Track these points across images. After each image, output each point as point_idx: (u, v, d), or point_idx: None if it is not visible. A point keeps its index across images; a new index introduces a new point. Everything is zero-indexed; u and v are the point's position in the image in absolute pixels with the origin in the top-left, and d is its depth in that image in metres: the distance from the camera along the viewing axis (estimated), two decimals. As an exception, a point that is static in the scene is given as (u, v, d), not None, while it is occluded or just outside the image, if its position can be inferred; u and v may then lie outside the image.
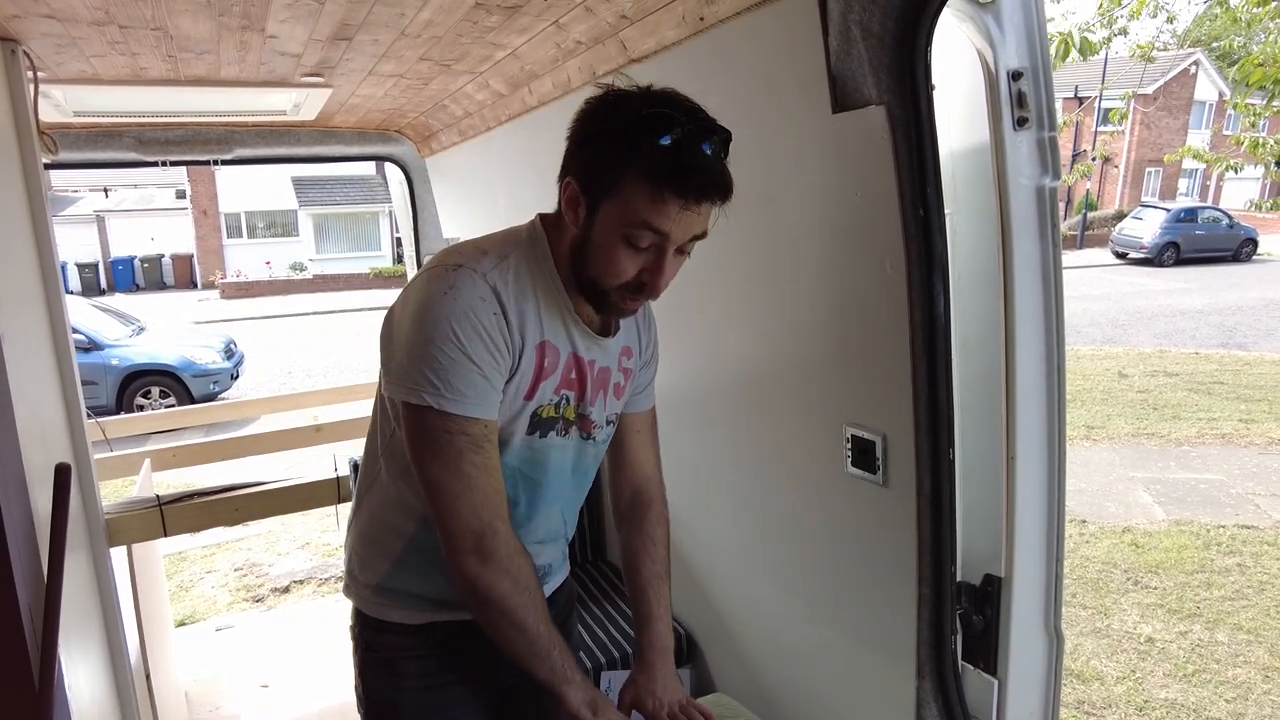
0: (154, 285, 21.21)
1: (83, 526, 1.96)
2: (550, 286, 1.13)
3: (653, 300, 1.11)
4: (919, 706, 1.36)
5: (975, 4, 1.16)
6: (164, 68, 2.08)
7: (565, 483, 1.26)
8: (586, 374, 1.19)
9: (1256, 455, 6.04)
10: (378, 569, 1.24)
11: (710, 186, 1.00)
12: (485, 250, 1.11)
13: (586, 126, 1.06)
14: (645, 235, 1.02)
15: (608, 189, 1.02)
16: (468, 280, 1.05)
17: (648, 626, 1.29)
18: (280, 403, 4.47)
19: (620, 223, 1.02)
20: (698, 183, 0.99)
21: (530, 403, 1.14)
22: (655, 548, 1.33)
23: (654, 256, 1.04)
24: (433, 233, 3.58)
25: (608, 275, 1.06)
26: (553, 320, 1.14)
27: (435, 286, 1.05)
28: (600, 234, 1.04)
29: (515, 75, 2.12)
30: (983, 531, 1.30)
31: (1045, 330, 1.23)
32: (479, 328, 1.03)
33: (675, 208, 0.99)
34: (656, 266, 1.04)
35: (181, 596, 4.32)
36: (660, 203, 0.99)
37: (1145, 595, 4.06)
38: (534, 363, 1.12)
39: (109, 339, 8.57)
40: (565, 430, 1.20)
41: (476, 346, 1.03)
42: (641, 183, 0.99)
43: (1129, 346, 10.12)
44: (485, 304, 1.05)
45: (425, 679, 1.26)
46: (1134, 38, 5.35)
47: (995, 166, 1.19)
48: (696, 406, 1.94)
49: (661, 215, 1.00)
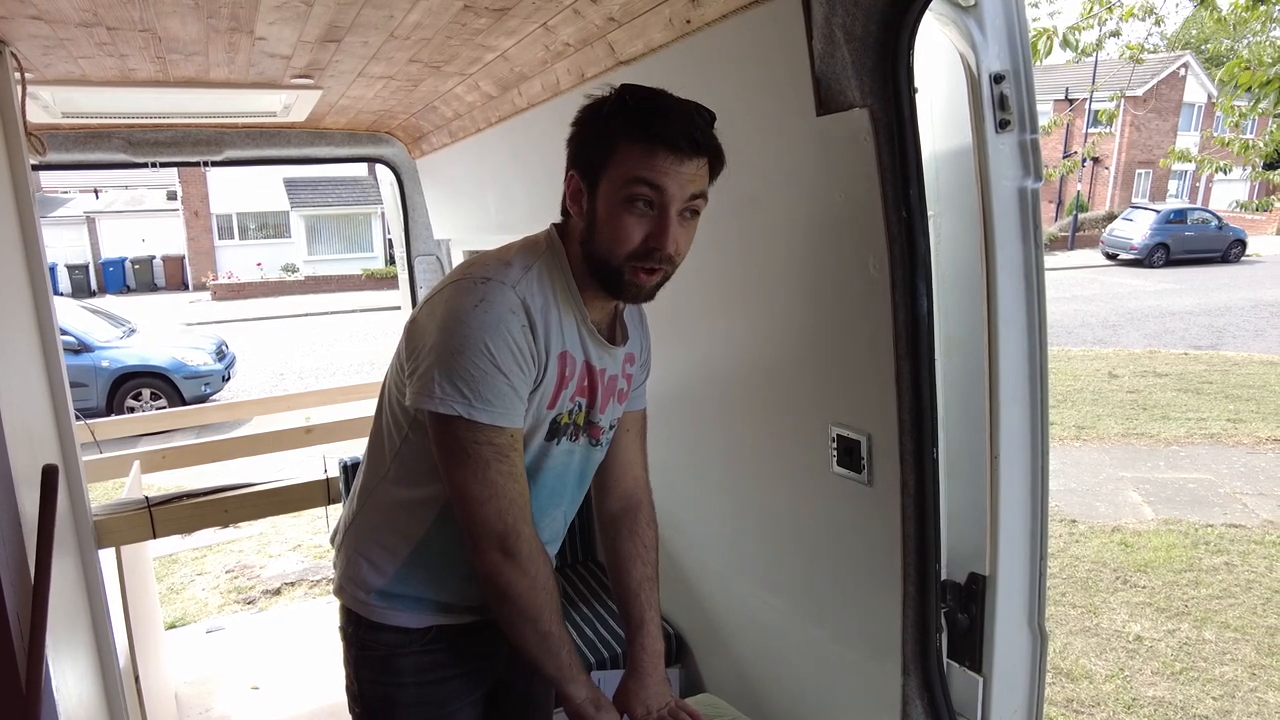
0: (145, 287, 21.12)
1: (71, 528, 1.96)
2: (568, 296, 1.16)
3: (668, 269, 1.11)
4: (905, 704, 1.37)
5: (957, 7, 1.17)
6: (153, 69, 2.08)
7: (570, 486, 1.28)
8: (598, 382, 1.21)
9: (1244, 455, 6.08)
10: (383, 573, 1.24)
11: (696, 134, 1.04)
12: (509, 262, 1.14)
13: (578, 123, 1.11)
14: (643, 192, 1.04)
15: (603, 163, 1.06)
16: (498, 293, 1.08)
17: (641, 630, 1.30)
18: (272, 404, 4.46)
19: (619, 189, 1.05)
20: (683, 130, 1.03)
21: (552, 411, 1.17)
22: (646, 551, 1.35)
23: (658, 217, 1.06)
24: (424, 234, 3.58)
25: (615, 246, 1.08)
26: (571, 330, 1.16)
27: (466, 299, 1.07)
28: (604, 208, 1.08)
29: (504, 77, 2.13)
30: (967, 530, 1.32)
31: (1028, 330, 1.24)
32: (509, 341, 1.06)
33: (666, 159, 1.03)
34: (661, 227, 1.06)
35: (172, 599, 4.30)
36: (650, 156, 1.03)
37: (1134, 594, 4.08)
38: (557, 372, 1.15)
39: (99, 341, 8.53)
40: (576, 436, 1.23)
41: (506, 359, 1.06)
42: (632, 144, 1.04)
43: (1119, 347, 10.18)
44: (515, 316, 1.07)
45: (421, 675, 1.27)
46: (1124, 39, 5.38)
47: (978, 168, 1.20)
48: (683, 407, 1.95)
49: (653, 168, 1.03)
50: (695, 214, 1.10)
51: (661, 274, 1.11)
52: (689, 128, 1.04)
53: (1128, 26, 4.92)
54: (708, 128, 1.07)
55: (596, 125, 1.08)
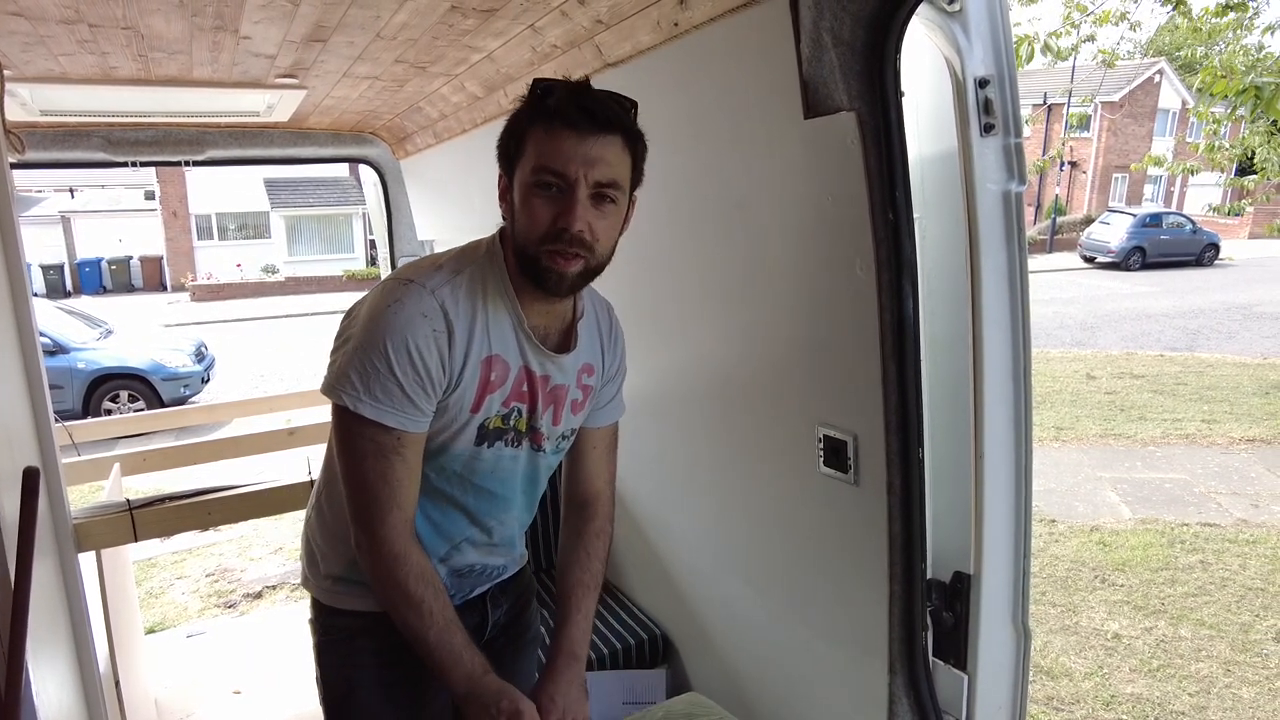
0: (122, 287, 20.82)
1: (50, 532, 1.93)
2: (503, 300, 1.16)
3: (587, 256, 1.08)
4: (891, 702, 1.38)
5: (943, 13, 1.18)
6: (134, 67, 2.06)
7: (517, 491, 1.28)
8: (538, 389, 1.21)
9: (1218, 455, 6.18)
10: (340, 561, 1.27)
11: (600, 112, 1.04)
12: (440, 265, 1.15)
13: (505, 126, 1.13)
14: (548, 175, 1.05)
15: (518, 154, 1.08)
16: (414, 296, 1.10)
17: (563, 629, 1.28)
18: (253, 406, 4.41)
19: (529, 176, 1.06)
20: (586, 110, 1.03)
21: (477, 415, 1.17)
22: (590, 560, 1.35)
23: (565, 198, 1.05)
24: (407, 235, 3.56)
25: (529, 230, 1.08)
26: (503, 334, 1.16)
27: (384, 299, 1.10)
28: (518, 197, 1.09)
29: (491, 78, 2.13)
30: (952, 529, 1.33)
31: (1012, 331, 1.26)
32: (410, 345, 1.08)
33: (569, 140, 1.03)
34: (567, 207, 1.05)
35: (152, 603, 4.25)
36: (554, 138, 1.04)
37: (1112, 592, 4.14)
38: (479, 376, 1.14)
39: (75, 342, 8.39)
40: (516, 442, 1.23)
41: (403, 361, 1.08)
42: (538, 130, 1.05)
43: (1097, 349, 10.31)
44: (426, 320, 1.09)
45: (381, 656, 1.28)
46: (1100, 44, 5.47)
47: (963, 171, 1.22)
48: (671, 408, 1.95)
49: (556, 150, 1.04)
50: (612, 201, 1.08)
51: (580, 261, 1.08)
52: (587, 102, 1.04)
53: (1103, 32, 5.01)
54: (615, 105, 1.06)
55: (512, 120, 1.10)
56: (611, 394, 1.37)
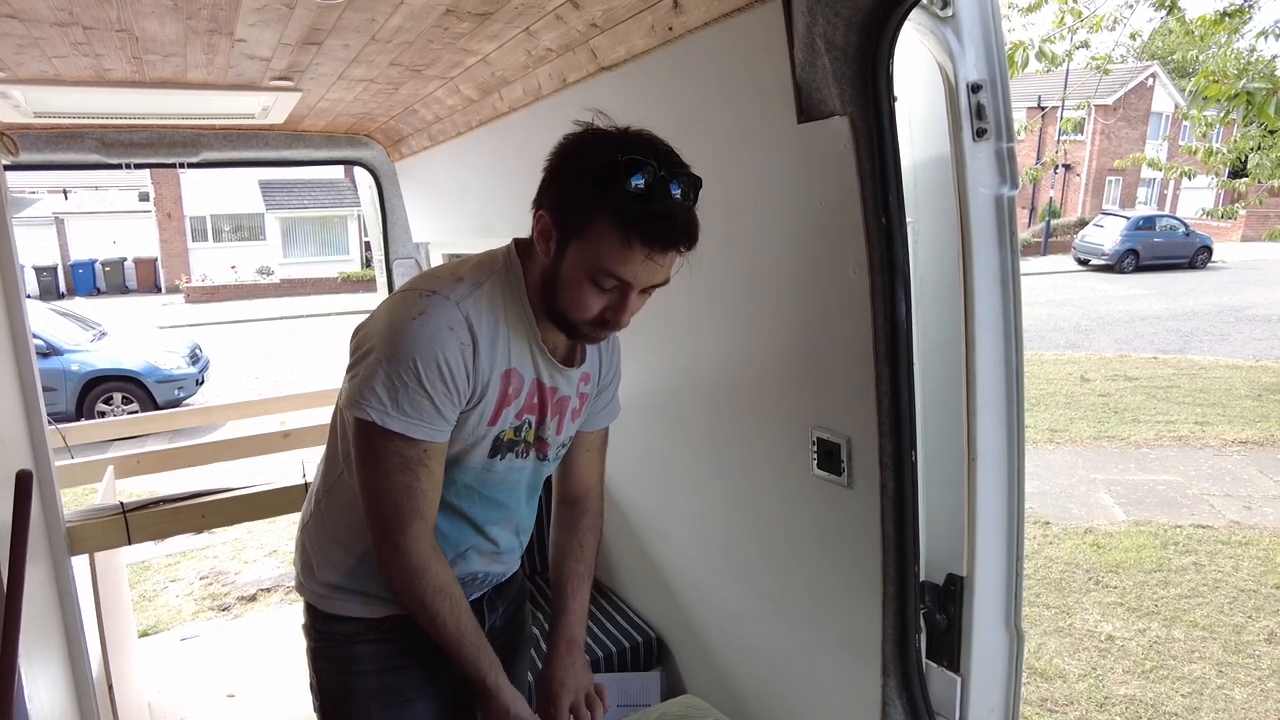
0: (116, 289, 20.76)
1: (43, 535, 1.92)
2: (520, 315, 1.16)
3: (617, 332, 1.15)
4: (884, 704, 1.39)
5: (936, 18, 1.19)
6: (129, 69, 2.06)
7: (520, 499, 1.30)
8: (548, 400, 1.23)
9: (1211, 457, 6.20)
10: (339, 567, 1.26)
11: (676, 235, 1.03)
12: (461, 277, 1.14)
13: (562, 162, 1.08)
14: (609, 280, 1.05)
15: (578, 230, 1.05)
16: (440, 308, 1.08)
17: (561, 617, 1.33)
18: (247, 408, 4.40)
19: (588, 266, 1.05)
20: (664, 232, 1.02)
21: (494, 428, 1.18)
22: (583, 551, 1.39)
23: (617, 297, 1.08)
24: (402, 237, 3.56)
25: (574, 311, 1.10)
26: (520, 348, 1.17)
27: (407, 310, 1.08)
28: (569, 271, 1.08)
29: (486, 81, 2.13)
30: (945, 532, 1.34)
31: (1004, 335, 1.27)
32: (439, 358, 1.07)
33: (640, 257, 1.02)
34: (620, 305, 1.09)
35: (145, 606, 4.23)
36: (627, 251, 1.02)
37: (1106, 594, 4.15)
38: (499, 390, 1.15)
39: (68, 344, 8.36)
40: (525, 452, 1.25)
41: (432, 375, 1.07)
42: (610, 229, 1.01)
43: (1091, 351, 10.34)
44: (453, 333, 1.08)
45: (380, 663, 1.28)
46: (1094, 50, 5.50)
47: (955, 176, 1.22)
48: (666, 411, 1.95)
49: (626, 265, 1.03)
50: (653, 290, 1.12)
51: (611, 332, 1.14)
52: (674, 232, 1.02)
53: (1097, 37, 5.03)
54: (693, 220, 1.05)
55: (578, 184, 1.04)
56: (608, 399, 1.40)
